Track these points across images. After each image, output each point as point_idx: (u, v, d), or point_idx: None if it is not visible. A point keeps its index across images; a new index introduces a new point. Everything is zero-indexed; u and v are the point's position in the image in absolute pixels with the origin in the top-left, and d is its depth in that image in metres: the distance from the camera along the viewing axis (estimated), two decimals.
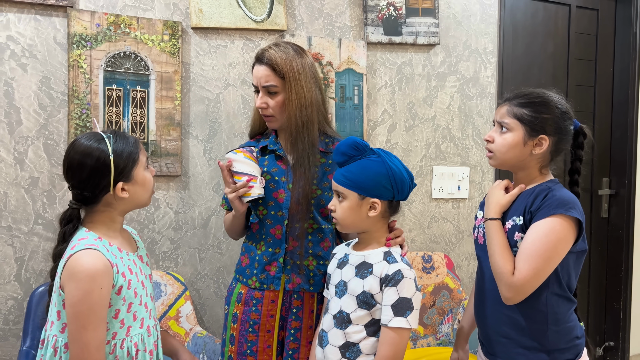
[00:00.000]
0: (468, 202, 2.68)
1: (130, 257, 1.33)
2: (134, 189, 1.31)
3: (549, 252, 1.27)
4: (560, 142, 1.38)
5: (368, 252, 1.39)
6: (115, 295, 1.24)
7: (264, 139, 1.66)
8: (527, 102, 1.37)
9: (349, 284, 1.37)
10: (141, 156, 1.32)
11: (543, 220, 1.28)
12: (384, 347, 1.30)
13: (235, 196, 1.50)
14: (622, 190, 3.10)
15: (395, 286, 1.30)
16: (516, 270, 1.28)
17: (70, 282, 1.19)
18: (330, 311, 1.41)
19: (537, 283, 1.28)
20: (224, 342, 1.64)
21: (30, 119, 1.97)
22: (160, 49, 2.10)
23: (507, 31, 2.75)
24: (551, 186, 1.36)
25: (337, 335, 1.36)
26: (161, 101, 2.11)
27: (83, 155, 1.25)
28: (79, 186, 1.27)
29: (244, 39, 2.24)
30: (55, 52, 1.99)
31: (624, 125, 3.08)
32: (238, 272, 1.66)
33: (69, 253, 1.22)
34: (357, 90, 2.42)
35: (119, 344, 1.27)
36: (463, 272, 2.71)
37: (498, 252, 1.33)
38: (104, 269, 1.20)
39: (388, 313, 1.30)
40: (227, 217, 1.68)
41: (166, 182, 2.15)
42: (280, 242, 1.57)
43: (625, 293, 3.12)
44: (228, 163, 1.51)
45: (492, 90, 2.71)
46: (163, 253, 2.17)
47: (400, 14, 2.47)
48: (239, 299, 1.61)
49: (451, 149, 2.64)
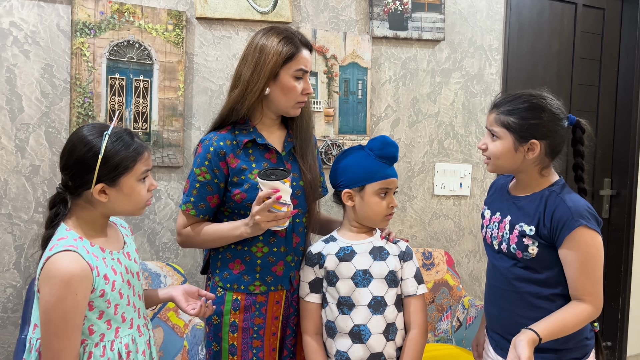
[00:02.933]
0: (470, 200, 2.68)
1: (114, 256, 1.27)
2: (117, 196, 1.23)
3: (598, 270, 1.31)
4: (554, 143, 1.37)
5: (371, 238, 1.52)
6: (99, 298, 1.19)
7: (240, 132, 1.53)
8: (513, 109, 1.36)
9: (371, 270, 1.46)
10: (139, 165, 1.24)
11: (574, 245, 1.29)
12: (419, 314, 1.47)
13: (269, 226, 1.39)
14: (624, 191, 3.10)
15: (411, 259, 1.52)
16: (591, 298, 1.30)
17: (45, 287, 1.14)
18: (360, 303, 1.43)
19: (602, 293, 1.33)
20: (219, 354, 1.52)
21: (32, 107, 1.95)
22: (164, 38, 2.08)
23: (512, 28, 2.73)
24: (558, 191, 1.35)
25: (379, 322, 1.44)
26: (164, 91, 2.09)
27: (77, 141, 1.22)
28: (65, 171, 1.23)
29: (249, 30, 2.23)
30: (59, 39, 1.97)
31: (627, 125, 3.07)
32: (228, 282, 1.51)
33: (47, 255, 1.17)
34: (361, 85, 2.41)
35: (109, 346, 1.22)
36: (463, 270, 2.70)
37: (566, 328, 1.31)
38: (80, 274, 1.14)
39: (412, 284, 1.49)
40: (211, 231, 1.49)
41: (167, 173, 2.14)
42: (285, 240, 1.53)
43: (624, 294, 3.12)
44: (275, 191, 1.35)
45: (497, 88, 2.70)
46: (163, 244, 2.16)
47: (406, 9, 2.45)
48: (236, 307, 1.50)
49: (454, 145, 2.64)
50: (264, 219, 1.36)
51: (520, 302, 1.38)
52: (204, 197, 1.51)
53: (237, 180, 1.50)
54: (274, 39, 1.49)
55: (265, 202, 1.34)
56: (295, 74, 1.49)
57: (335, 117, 2.38)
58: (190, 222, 1.53)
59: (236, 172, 1.50)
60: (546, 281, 1.35)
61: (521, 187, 1.43)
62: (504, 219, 1.42)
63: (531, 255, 1.34)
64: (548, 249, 1.33)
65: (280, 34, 1.50)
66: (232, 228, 1.47)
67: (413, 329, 1.43)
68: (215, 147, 1.49)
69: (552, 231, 1.31)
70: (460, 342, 2.30)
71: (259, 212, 1.36)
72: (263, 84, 1.48)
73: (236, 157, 1.50)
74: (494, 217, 1.47)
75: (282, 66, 1.48)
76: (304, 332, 1.52)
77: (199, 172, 1.50)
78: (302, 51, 1.50)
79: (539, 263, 1.35)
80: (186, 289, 1.40)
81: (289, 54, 1.47)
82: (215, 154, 1.49)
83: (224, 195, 1.52)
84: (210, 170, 1.49)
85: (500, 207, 1.46)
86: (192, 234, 1.52)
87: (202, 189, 1.50)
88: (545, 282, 1.35)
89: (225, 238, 1.48)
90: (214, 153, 1.49)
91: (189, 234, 1.52)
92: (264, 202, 1.35)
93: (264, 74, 1.47)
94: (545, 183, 1.39)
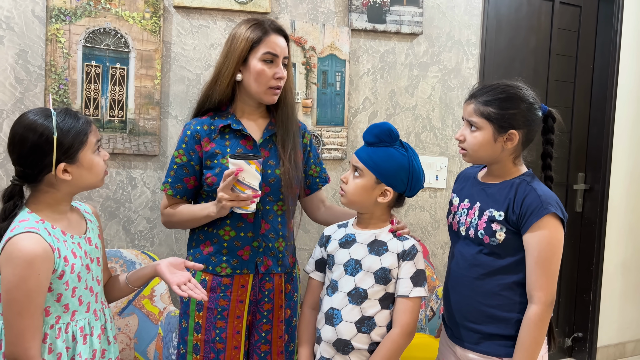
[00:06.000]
0: (445, 192, 2.72)
1: (75, 240, 1.28)
2: (79, 172, 1.25)
3: (555, 263, 1.35)
4: (530, 132, 1.41)
5: (377, 231, 1.46)
6: (57, 279, 1.21)
7: (219, 118, 1.59)
8: (492, 100, 1.39)
9: (362, 262, 1.43)
10: (91, 138, 1.26)
11: (539, 232, 1.33)
12: (405, 315, 1.40)
13: (231, 205, 1.44)
14: (597, 185, 3.16)
15: (412, 260, 1.42)
16: (541, 294, 1.34)
17: (7, 267, 1.15)
18: (342, 289, 1.43)
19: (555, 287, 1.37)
20: (186, 330, 1.58)
21: (5, 92, 1.94)
22: (141, 26, 2.08)
23: (490, 24, 2.77)
24: (528, 180, 1.39)
25: (353, 312, 1.41)
26: (141, 79, 2.09)
27: (26, 130, 1.20)
28: (20, 162, 1.22)
29: (227, 20, 2.23)
30: (33, 25, 1.96)
31: (601, 121, 3.13)
32: (198, 261, 1.57)
33: (8, 236, 1.18)
34: (339, 77, 2.43)
35: (64, 328, 1.24)
36: (438, 261, 2.74)
37: (535, 341, 1.35)
38: (42, 254, 1.16)
39: (407, 285, 1.40)
40: (186, 211, 1.57)
41: (144, 161, 2.14)
42: (253, 226, 1.56)
43: (595, 286, 3.20)
44: (237, 170, 1.40)
45: (474, 82, 2.73)
46: (139, 232, 2.16)
47: (385, 2, 2.47)
48: (203, 286, 1.54)
49: (430, 138, 2.67)
50: (226, 196, 1.41)
51: (482, 289, 1.41)
52: (181, 179, 1.60)
53: (210, 164, 1.56)
54: (244, 26, 1.53)
55: (227, 179, 1.40)
56: (263, 57, 1.53)
57: (313, 109, 2.39)
58: (170, 203, 1.62)
59: (209, 156, 1.57)
60: (509, 268, 1.38)
61: (492, 176, 1.47)
62: (473, 205, 1.45)
63: (498, 241, 1.37)
64: (515, 236, 1.37)
65: (250, 22, 1.54)
66: (202, 208, 1.54)
67: (394, 328, 1.40)
68: (192, 130, 1.59)
69: (520, 217, 1.35)
70: (434, 332, 2.34)
71: (222, 189, 1.42)
72: (232, 69, 1.53)
73: (212, 141, 1.57)
74: (463, 204, 1.50)
75: (250, 51, 1.53)
76: (303, 303, 1.56)
77: (176, 155, 1.60)
78: (271, 35, 1.53)
79: (504, 250, 1.38)
80: (171, 261, 1.39)
81: (256, 39, 1.52)
82: (191, 137, 1.58)
83: (200, 178, 1.58)
84: (187, 152, 1.58)
85: (470, 194, 1.49)
86: (171, 213, 1.61)
87: (179, 170, 1.59)
88: (508, 269, 1.38)
89: (197, 218, 1.55)
90: (190, 136, 1.58)
91: (168, 213, 1.62)
92: (227, 179, 1.40)
93: (233, 59, 1.53)
94: (516, 172, 1.43)
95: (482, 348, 1.41)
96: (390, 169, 1.40)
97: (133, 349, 1.99)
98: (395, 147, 1.43)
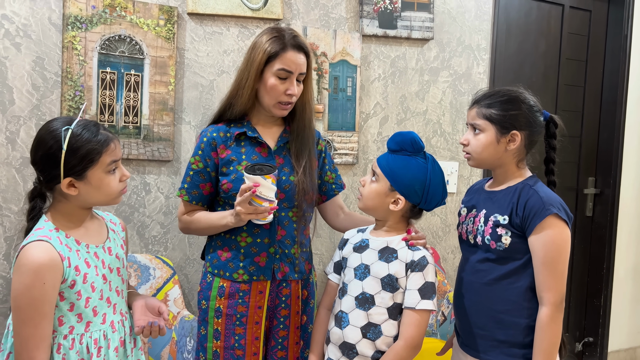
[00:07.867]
0: (456, 197, 2.72)
1: (91, 249, 1.27)
2: (86, 189, 1.23)
3: (562, 264, 1.34)
4: (533, 134, 1.43)
5: (391, 238, 1.45)
6: (69, 289, 1.20)
7: (235, 125, 1.61)
8: (494, 102, 1.42)
9: (371, 267, 1.42)
10: (104, 157, 1.23)
11: (543, 233, 1.33)
12: (410, 328, 1.37)
13: (249, 218, 1.44)
14: (607, 189, 3.16)
15: (421, 271, 1.39)
16: (549, 295, 1.34)
17: (15, 274, 1.16)
18: (351, 293, 1.44)
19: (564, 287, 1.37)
20: (206, 337, 1.58)
21: (22, 99, 1.96)
22: (155, 33, 2.10)
23: (500, 29, 2.77)
24: (532, 184, 1.41)
25: (359, 316, 1.41)
26: (155, 86, 2.11)
27: (43, 137, 1.21)
28: (35, 165, 1.24)
29: (240, 26, 2.25)
30: (50, 32, 1.98)
31: (612, 126, 3.12)
32: (216, 268, 1.59)
33: (23, 244, 1.19)
34: (350, 82, 2.44)
35: (78, 339, 1.23)
36: (448, 265, 2.75)
37: (550, 343, 1.36)
38: (49, 263, 1.16)
39: (414, 296, 1.37)
40: (204, 219, 1.58)
41: (157, 166, 2.16)
42: (269, 232, 1.57)
43: (606, 290, 3.19)
44: (254, 186, 1.40)
45: (484, 87, 2.74)
46: (153, 237, 2.18)
47: (396, 8, 2.49)
48: (221, 293, 1.56)
49: (441, 143, 2.68)
50: (244, 210, 1.42)
51: (490, 294, 1.42)
52: (197, 185, 1.61)
53: (225, 171, 1.58)
54: (265, 37, 1.54)
55: (244, 194, 1.41)
56: (277, 73, 1.53)
57: (325, 114, 2.41)
58: (187, 209, 1.63)
59: (225, 163, 1.58)
60: (516, 272, 1.39)
61: (497, 183, 1.48)
62: (479, 213, 1.47)
63: (504, 246, 1.38)
64: (521, 239, 1.38)
65: (271, 33, 1.54)
66: (220, 217, 1.55)
67: (399, 340, 1.37)
68: (208, 137, 1.60)
69: (523, 220, 1.36)
70: (445, 337, 2.35)
71: (239, 204, 1.43)
72: (252, 81, 1.54)
73: (227, 148, 1.59)
74: (470, 214, 1.52)
75: (266, 64, 1.53)
76: (320, 303, 1.57)
77: (193, 161, 1.61)
78: (288, 52, 1.52)
79: (511, 254, 1.39)
80: (148, 302, 1.37)
81: (272, 52, 1.52)
82: (207, 144, 1.59)
83: (216, 184, 1.60)
84: (203, 159, 1.60)
85: (477, 203, 1.51)
86: (188, 221, 1.62)
87: (195, 176, 1.61)
88: (515, 274, 1.39)
89: (215, 226, 1.57)
90: (206, 143, 1.60)
91: (186, 220, 1.63)
92: (244, 194, 1.41)
93: (252, 71, 1.53)
94: (520, 177, 1.45)
95: (490, 357, 1.42)
96: (405, 178, 1.41)
97: (147, 353, 2.01)
98: (416, 157, 1.43)
